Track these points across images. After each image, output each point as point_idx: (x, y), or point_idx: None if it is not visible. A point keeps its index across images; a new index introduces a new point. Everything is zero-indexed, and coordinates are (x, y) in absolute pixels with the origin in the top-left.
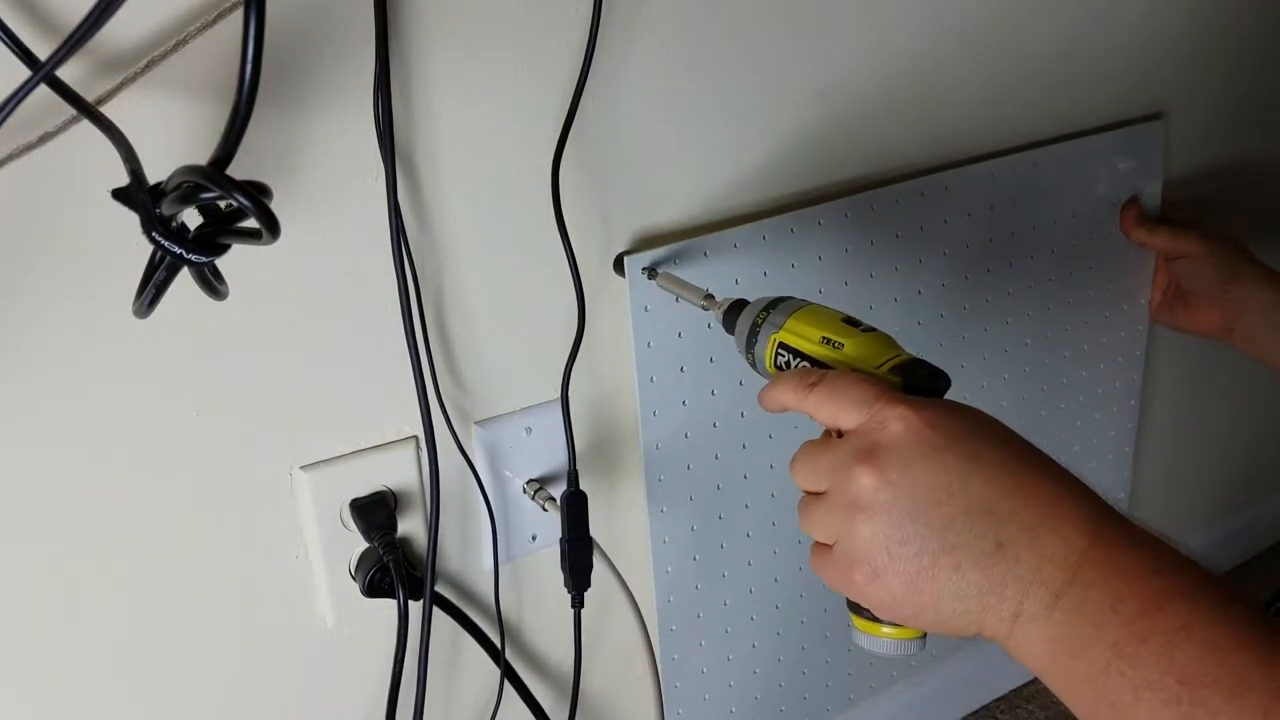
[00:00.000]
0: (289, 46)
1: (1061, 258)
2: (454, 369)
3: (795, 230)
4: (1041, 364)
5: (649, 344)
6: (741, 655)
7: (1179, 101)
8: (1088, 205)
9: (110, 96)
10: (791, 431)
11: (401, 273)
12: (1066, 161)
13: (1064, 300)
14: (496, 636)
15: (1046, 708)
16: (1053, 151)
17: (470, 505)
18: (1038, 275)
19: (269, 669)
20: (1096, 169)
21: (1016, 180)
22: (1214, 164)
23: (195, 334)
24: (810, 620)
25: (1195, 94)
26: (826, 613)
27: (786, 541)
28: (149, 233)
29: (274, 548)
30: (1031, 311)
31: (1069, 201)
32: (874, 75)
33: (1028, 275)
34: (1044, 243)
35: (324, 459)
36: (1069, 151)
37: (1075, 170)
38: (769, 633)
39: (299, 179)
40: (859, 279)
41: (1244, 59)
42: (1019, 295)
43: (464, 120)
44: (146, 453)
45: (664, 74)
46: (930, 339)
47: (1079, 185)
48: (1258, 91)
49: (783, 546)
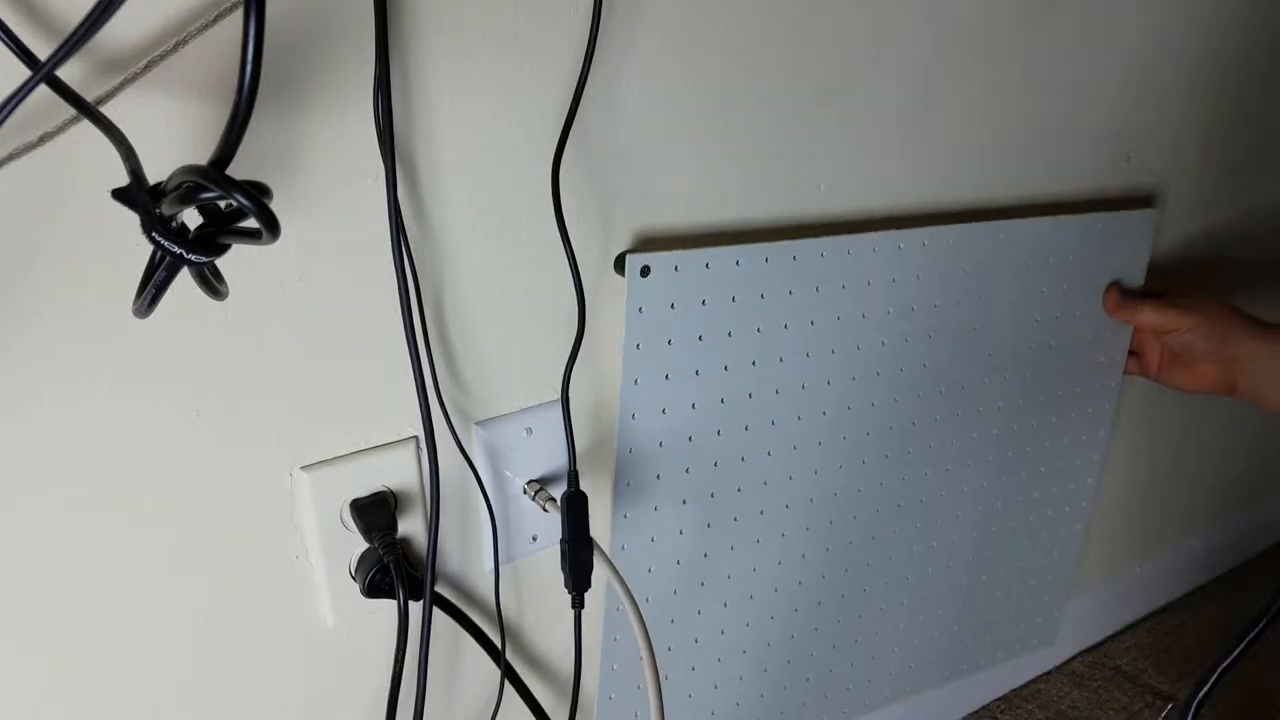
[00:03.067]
0: (289, 46)
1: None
2: (454, 369)
3: (797, 258)
4: (1011, 423)
5: (638, 346)
6: (731, 665)
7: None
8: (1072, 279)
9: (110, 96)
10: (765, 458)
11: (401, 272)
12: (1055, 236)
13: (1038, 361)
14: (497, 637)
15: (1046, 708)
16: (1043, 224)
17: (470, 506)
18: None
19: (269, 669)
20: (1084, 249)
21: (1018, 243)
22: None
23: (195, 334)
24: (799, 639)
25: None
26: (817, 631)
27: (765, 561)
28: (149, 233)
29: (274, 548)
30: (1009, 374)
31: (1053, 274)
32: (876, 79)
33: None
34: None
35: (324, 459)
36: (1058, 227)
37: (1061, 246)
38: (759, 644)
39: (299, 179)
40: (851, 317)
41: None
42: (997, 357)
43: (464, 120)
44: (146, 453)
45: (664, 74)
46: (909, 382)
47: (1064, 260)
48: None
49: (762, 565)
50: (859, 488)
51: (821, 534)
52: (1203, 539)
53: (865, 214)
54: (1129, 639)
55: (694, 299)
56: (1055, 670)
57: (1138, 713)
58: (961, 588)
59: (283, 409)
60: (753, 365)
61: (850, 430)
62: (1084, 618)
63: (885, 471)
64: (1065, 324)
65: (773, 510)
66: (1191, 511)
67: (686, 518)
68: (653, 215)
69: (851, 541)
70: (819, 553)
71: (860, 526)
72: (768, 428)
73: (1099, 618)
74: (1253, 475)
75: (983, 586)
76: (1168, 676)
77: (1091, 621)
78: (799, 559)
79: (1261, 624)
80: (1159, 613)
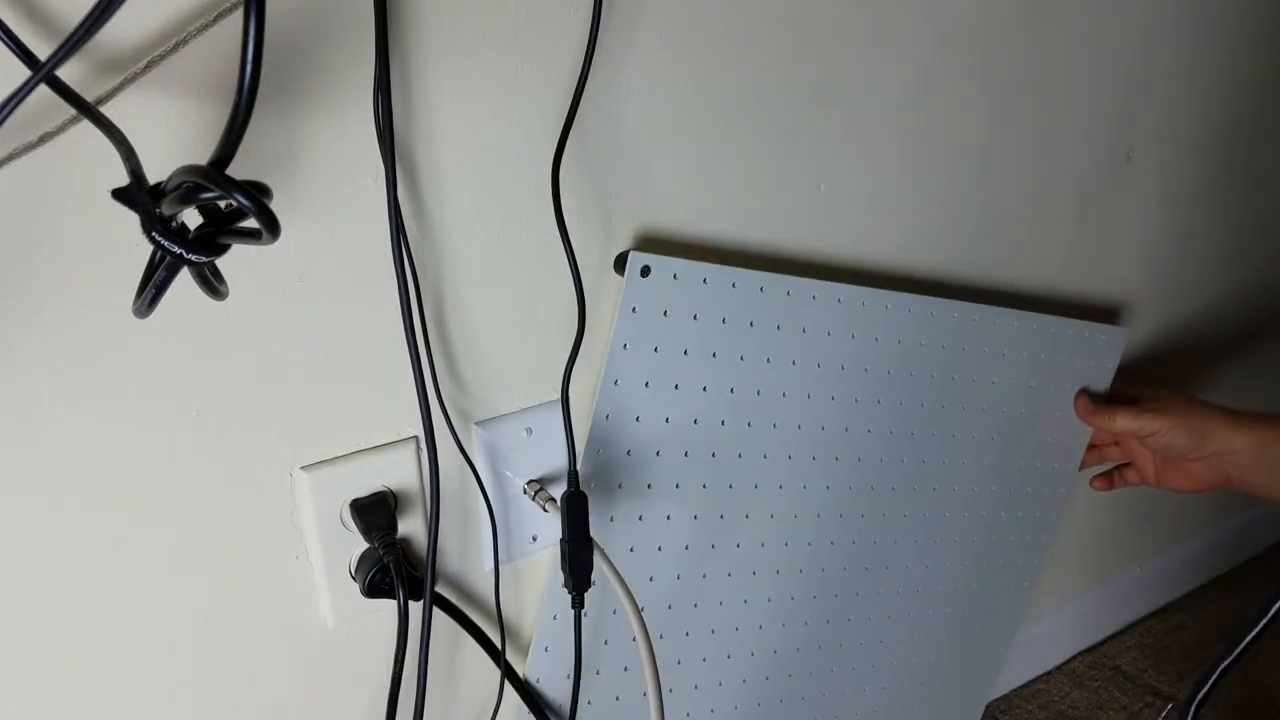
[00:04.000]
0: (289, 46)
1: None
2: (454, 369)
3: (791, 294)
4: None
5: (625, 346)
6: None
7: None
8: (1036, 377)
9: (110, 96)
10: (726, 490)
11: (401, 272)
12: (1025, 331)
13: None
14: (497, 637)
15: (1046, 708)
16: (1020, 317)
17: (470, 506)
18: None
19: (269, 669)
20: (1054, 351)
21: (998, 330)
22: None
23: (195, 334)
24: (779, 666)
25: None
26: (799, 650)
27: (708, 591)
28: (149, 233)
29: (274, 548)
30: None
31: (1023, 368)
32: (873, 77)
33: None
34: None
35: (324, 459)
36: (1034, 322)
37: (1033, 344)
38: (734, 677)
39: (299, 179)
40: (830, 367)
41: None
42: (962, 437)
43: (464, 120)
44: (146, 453)
45: (665, 74)
46: (875, 444)
47: (1035, 358)
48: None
49: (704, 597)
50: (809, 541)
51: (776, 580)
52: (1202, 539)
53: (859, 260)
54: (1129, 639)
55: (686, 311)
56: (1055, 670)
57: (1138, 713)
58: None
59: (283, 409)
60: (730, 392)
61: (812, 480)
62: (1084, 618)
63: (837, 531)
64: (1031, 408)
65: (726, 547)
66: (1190, 512)
67: (639, 537)
68: (653, 216)
69: (815, 594)
70: (779, 594)
71: (815, 579)
72: (734, 459)
73: (1099, 618)
74: None
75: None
76: (1168, 676)
77: (1092, 622)
78: (762, 599)
79: (1261, 624)
80: (1159, 613)
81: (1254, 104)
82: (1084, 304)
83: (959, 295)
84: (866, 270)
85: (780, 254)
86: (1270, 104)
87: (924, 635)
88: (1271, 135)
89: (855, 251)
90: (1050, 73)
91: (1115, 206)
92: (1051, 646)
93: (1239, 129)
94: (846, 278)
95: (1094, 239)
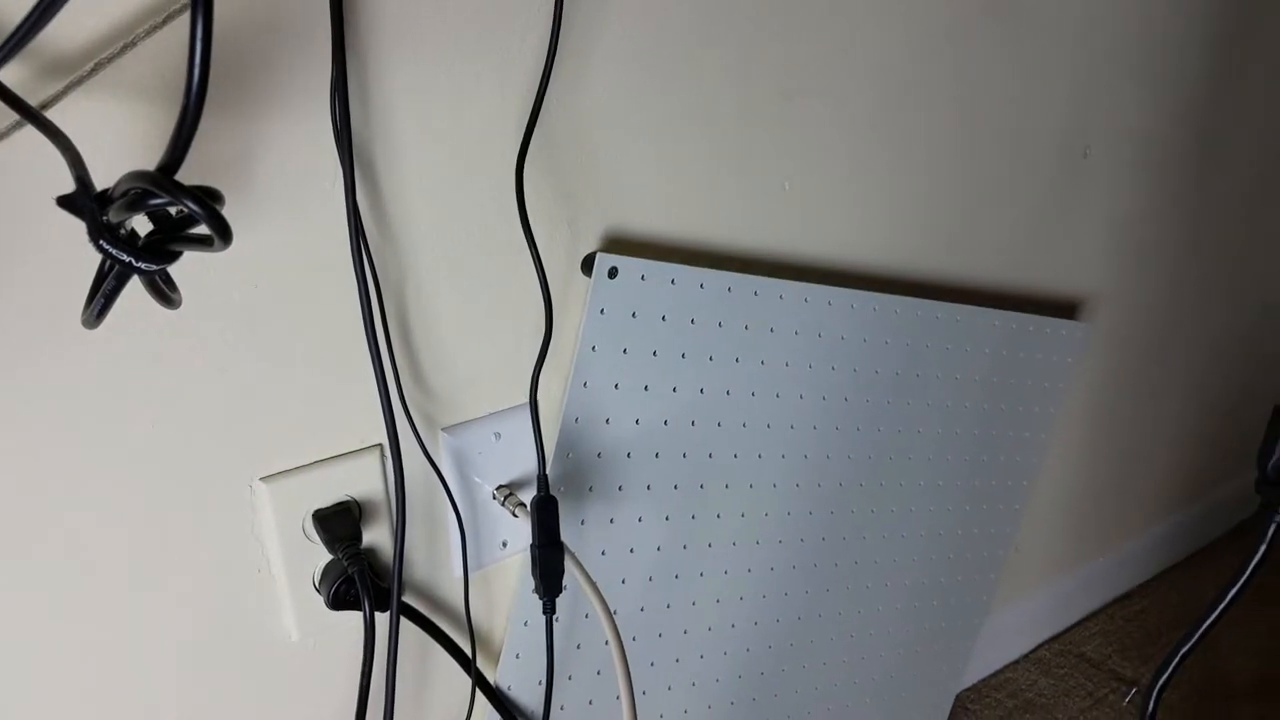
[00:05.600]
0: (243, 48)
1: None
2: (419, 375)
3: (759, 294)
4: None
5: (593, 348)
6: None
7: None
8: (999, 373)
9: (55, 101)
10: (697, 490)
11: (362, 277)
12: (986, 326)
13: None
14: (467, 645)
15: (1014, 696)
16: (985, 314)
17: (438, 513)
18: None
19: (233, 686)
20: (1017, 347)
21: (961, 328)
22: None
23: (149, 343)
24: (752, 664)
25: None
26: (771, 648)
27: (681, 592)
28: (96, 241)
29: (235, 562)
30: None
31: (987, 364)
32: (837, 77)
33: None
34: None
35: (285, 470)
36: (997, 318)
37: (995, 340)
38: (708, 677)
39: (255, 183)
40: (799, 366)
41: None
42: (928, 434)
43: (425, 121)
44: (100, 467)
45: (629, 74)
46: (842, 441)
47: (998, 354)
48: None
49: (677, 597)
50: (780, 539)
51: (748, 579)
52: (1161, 528)
53: (826, 259)
54: (1094, 626)
55: (655, 312)
56: (1023, 659)
57: (1103, 698)
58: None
59: (241, 419)
60: (700, 392)
61: (781, 479)
62: (1049, 607)
63: (807, 528)
64: (995, 403)
65: (697, 547)
66: (1149, 502)
67: (611, 540)
68: (620, 217)
69: (786, 591)
70: (750, 592)
71: (787, 576)
72: (705, 459)
73: (1063, 606)
74: (1203, 466)
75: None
76: (1131, 661)
77: (1056, 610)
78: (734, 598)
79: (1217, 611)
80: (1121, 599)
81: (1206, 100)
82: (1045, 299)
83: (923, 293)
84: (832, 269)
85: (748, 254)
86: (1222, 100)
87: (894, 629)
88: (1224, 130)
89: (821, 250)
90: (1009, 71)
91: (1074, 203)
92: (1018, 636)
93: (1192, 125)
94: (813, 277)
95: (1054, 235)
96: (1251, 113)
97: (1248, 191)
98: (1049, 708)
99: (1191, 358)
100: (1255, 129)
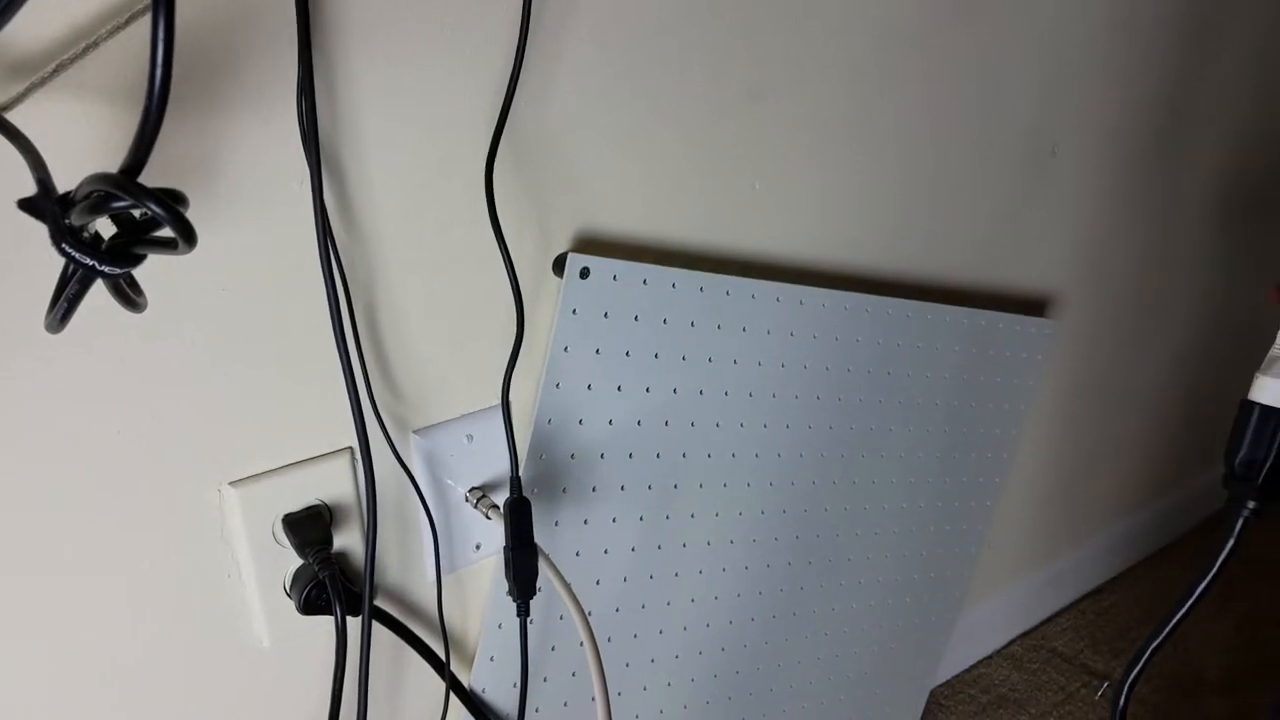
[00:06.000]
0: (208, 48)
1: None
2: (389, 377)
3: (731, 293)
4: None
5: (566, 349)
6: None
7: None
8: (969, 370)
9: (16, 103)
10: (671, 491)
11: (330, 278)
12: (954, 325)
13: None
14: (441, 649)
15: (987, 691)
16: (955, 312)
17: (410, 516)
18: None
19: (205, 693)
20: (987, 344)
21: (932, 325)
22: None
23: (113, 348)
24: (727, 663)
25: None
26: (746, 647)
27: (655, 592)
28: (58, 245)
29: (204, 568)
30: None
31: (957, 361)
32: (805, 77)
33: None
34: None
35: (254, 474)
36: (965, 316)
37: (964, 338)
38: (683, 677)
39: (221, 185)
40: (771, 365)
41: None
42: (899, 431)
43: (393, 122)
44: (65, 473)
45: (599, 75)
46: (816, 440)
47: (968, 351)
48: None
49: (652, 598)
50: (754, 538)
51: (722, 578)
52: (1130, 522)
53: (798, 258)
54: (1065, 620)
55: (627, 312)
56: (995, 654)
57: (1075, 692)
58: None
59: (209, 423)
60: (674, 393)
61: (755, 478)
62: (1021, 603)
63: (780, 527)
64: (965, 400)
65: (672, 547)
66: (1119, 496)
67: (585, 541)
68: (592, 217)
69: (760, 590)
70: (725, 591)
71: (761, 575)
72: (678, 459)
73: (1035, 602)
74: (1171, 461)
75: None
76: (1103, 656)
77: (1028, 606)
78: (709, 598)
79: (1187, 605)
80: (1092, 594)
81: (1173, 99)
82: (1014, 297)
83: (893, 292)
84: (804, 269)
85: (720, 253)
86: (1189, 98)
87: (868, 626)
88: (1190, 129)
89: (792, 250)
90: (978, 71)
91: (1042, 201)
92: (990, 632)
93: (1159, 124)
94: (785, 276)
95: (1022, 233)
96: (1218, 111)
97: (1212, 190)
98: (1022, 703)
99: (1159, 353)
100: (1221, 127)
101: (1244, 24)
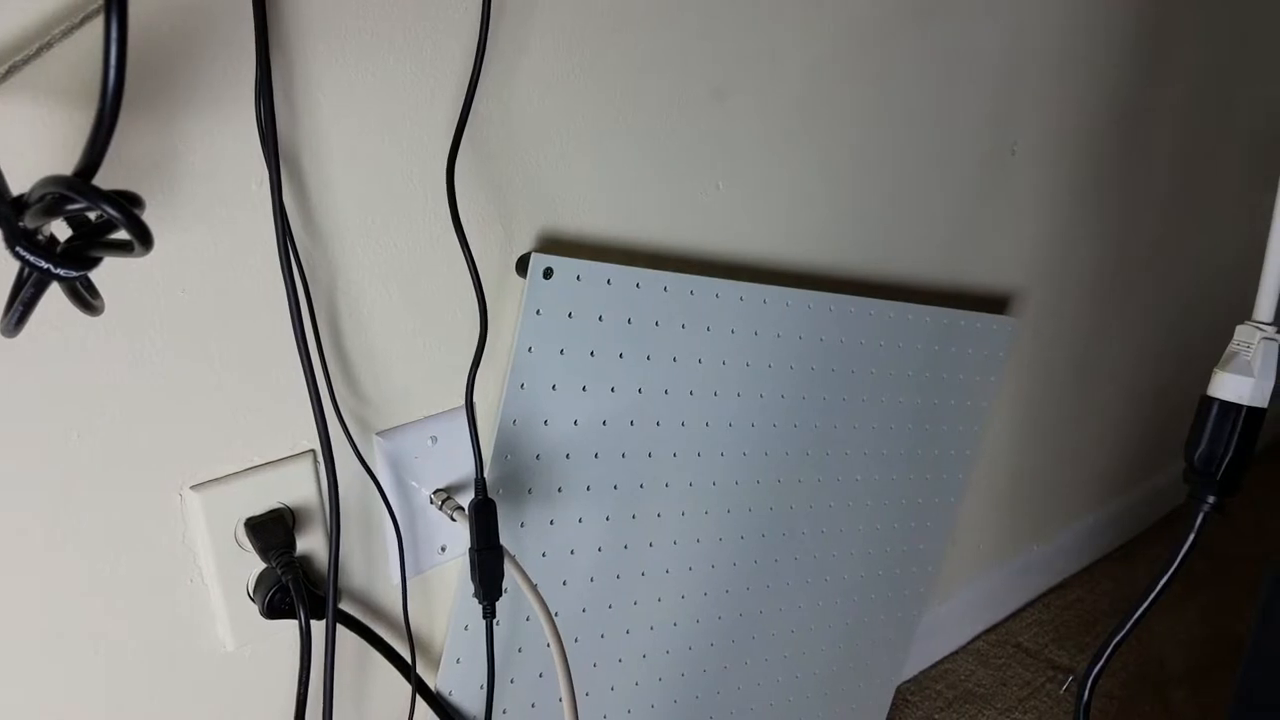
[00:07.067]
0: (164, 48)
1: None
2: (351, 378)
3: (695, 293)
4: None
5: (530, 349)
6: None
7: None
8: (932, 368)
9: None
10: (637, 490)
11: (290, 279)
12: (918, 323)
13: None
14: (406, 652)
15: (953, 687)
16: (916, 310)
17: (374, 518)
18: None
19: (168, 698)
20: (948, 342)
21: (896, 323)
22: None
23: (71, 352)
24: (694, 662)
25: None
26: (713, 646)
27: (622, 591)
28: (12, 248)
29: (166, 572)
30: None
31: (919, 359)
32: (767, 76)
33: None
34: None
35: (215, 478)
36: (929, 314)
37: (928, 336)
38: (650, 676)
39: (179, 185)
40: (736, 364)
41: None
42: (864, 429)
43: (352, 121)
44: (22, 480)
45: (561, 73)
46: (781, 438)
47: (930, 349)
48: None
49: (618, 598)
50: (720, 536)
51: (689, 577)
52: (1093, 517)
53: (761, 258)
54: (1030, 615)
55: (591, 312)
56: (961, 650)
57: (1040, 687)
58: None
59: (169, 427)
60: (639, 392)
61: (720, 476)
62: (986, 598)
63: (746, 526)
64: (928, 398)
65: (638, 547)
66: (1081, 491)
67: (551, 541)
68: (555, 217)
69: (727, 589)
70: (691, 590)
71: (727, 573)
72: (644, 459)
73: (1000, 597)
74: (1133, 457)
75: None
76: (1067, 650)
77: (993, 601)
78: (675, 597)
79: (1149, 599)
80: (1056, 588)
81: (1130, 97)
82: (976, 295)
83: (856, 290)
84: (767, 268)
85: (684, 253)
86: (1146, 96)
87: (834, 624)
88: (1148, 127)
89: (756, 249)
90: (937, 70)
91: (1002, 199)
92: (956, 628)
93: (1117, 122)
94: (749, 276)
95: (983, 231)
96: (1174, 109)
97: (1170, 187)
98: (988, 698)
99: (1119, 350)
100: (1177, 126)
101: (1198, 25)
